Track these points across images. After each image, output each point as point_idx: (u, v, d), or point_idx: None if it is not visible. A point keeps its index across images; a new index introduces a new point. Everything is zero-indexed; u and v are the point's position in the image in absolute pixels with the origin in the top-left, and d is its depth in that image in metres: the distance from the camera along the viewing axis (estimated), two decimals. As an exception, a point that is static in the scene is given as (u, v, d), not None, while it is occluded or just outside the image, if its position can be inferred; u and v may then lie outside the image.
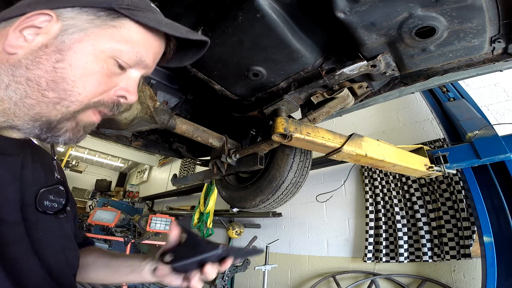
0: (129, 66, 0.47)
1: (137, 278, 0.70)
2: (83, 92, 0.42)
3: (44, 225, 0.51)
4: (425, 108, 2.78)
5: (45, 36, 0.40)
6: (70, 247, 0.58)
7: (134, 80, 0.49)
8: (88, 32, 0.41)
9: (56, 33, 0.40)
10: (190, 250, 0.59)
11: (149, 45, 0.48)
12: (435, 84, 1.06)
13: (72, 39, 0.40)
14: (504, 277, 1.48)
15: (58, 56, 0.39)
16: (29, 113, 0.40)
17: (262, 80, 1.02)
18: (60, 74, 0.40)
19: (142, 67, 0.49)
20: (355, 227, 2.96)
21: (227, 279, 3.02)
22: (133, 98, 0.50)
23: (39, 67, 0.39)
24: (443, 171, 1.47)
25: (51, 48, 0.40)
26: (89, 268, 0.73)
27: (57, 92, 0.40)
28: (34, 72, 0.39)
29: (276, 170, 1.30)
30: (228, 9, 0.77)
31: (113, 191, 11.03)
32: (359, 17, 0.69)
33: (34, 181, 0.52)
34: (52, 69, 0.39)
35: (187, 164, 6.96)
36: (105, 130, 1.13)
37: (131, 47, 0.45)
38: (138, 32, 0.45)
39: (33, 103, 0.40)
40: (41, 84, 0.39)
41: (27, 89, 0.39)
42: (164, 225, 3.90)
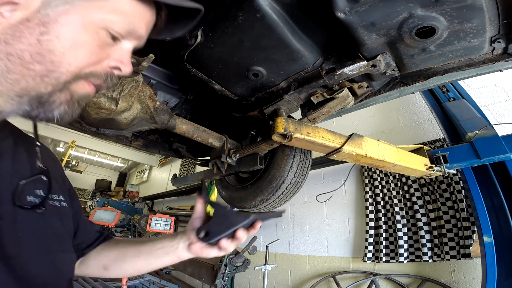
0: (122, 36, 0.46)
1: (173, 259, 0.70)
2: (73, 62, 0.41)
3: (25, 224, 0.46)
4: (425, 108, 2.78)
5: (25, 11, 0.38)
6: (60, 248, 0.52)
7: (127, 51, 0.48)
8: (74, 4, 0.40)
9: (37, 7, 0.38)
10: (222, 224, 0.62)
11: (141, 15, 0.47)
12: (435, 84, 1.06)
13: (57, 12, 0.39)
14: (504, 277, 1.48)
15: (42, 29, 0.38)
16: (14, 88, 0.39)
17: (262, 80, 1.02)
18: (46, 46, 0.38)
19: (135, 38, 0.48)
20: (355, 227, 2.96)
21: (227, 279, 3.02)
22: (127, 69, 0.49)
23: (21, 41, 0.38)
24: (443, 171, 1.47)
25: (34, 21, 0.38)
26: (122, 262, 0.71)
27: (44, 64, 0.39)
28: (16, 46, 0.37)
29: (276, 170, 1.30)
30: (228, 9, 0.77)
31: (113, 191, 11.03)
32: (359, 17, 0.69)
33: (14, 173, 0.47)
34: (36, 42, 0.38)
35: (187, 164, 6.96)
36: (105, 130, 1.13)
37: (123, 17, 0.44)
38: (129, 2, 0.44)
39: (17, 77, 0.38)
40: (24, 57, 0.38)
41: (8, 64, 0.38)
42: (164, 225, 3.90)
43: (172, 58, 1.09)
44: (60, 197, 0.57)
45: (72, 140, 7.99)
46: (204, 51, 0.92)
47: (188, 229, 0.71)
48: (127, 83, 0.94)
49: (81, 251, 0.70)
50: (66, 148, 8.49)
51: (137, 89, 0.97)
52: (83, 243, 0.71)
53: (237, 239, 0.62)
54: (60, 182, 0.62)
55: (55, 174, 0.60)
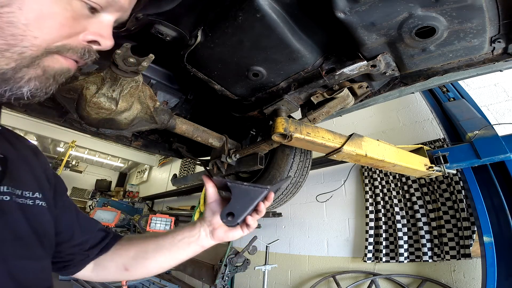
0: (101, 8, 0.42)
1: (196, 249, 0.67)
2: (40, 35, 0.37)
3: None
4: (425, 108, 2.78)
5: None
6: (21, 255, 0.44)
7: (107, 24, 0.45)
8: None
9: None
10: (244, 201, 0.61)
11: None
12: (435, 84, 1.06)
13: None
14: (504, 277, 1.48)
15: (2, 1, 0.34)
16: None
17: (262, 80, 1.02)
18: (6, 19, 0.35)
19: (116, 9, 0.44)
20: (355, 227, 2.96)
21: (227, 279, 3.02)
22: (108, 43, 0.45)
23: None
24: (443, 171, 1.47)
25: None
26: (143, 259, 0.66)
27: (3, 38, 0.35)
28: None
29: (276, 170, 1.30)
30: (228, 9, 0.77)
31: (113, 191, 11.04)
32: (359, 17, 0.69)
33: None
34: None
35: (187, 164, 6.96)
36: (105, 130, 1.13)
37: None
38: None
39: None
40: None
41: None
42: (164, 225, 3.90)
43: (172, 58, 1.09)
44: (34, 194, 0.49)
45: (72, 140, 8.00)
46: (204, 51, 0.92)
47: (206, 216, 0.67)
48: (127, 83, 0.94)
49: (86, 252, 0.64)
50: (66, 148, 8.49)
51: (137, 89, 0.97)
52: (85, 243, 0.65)
53: (260, 213, 0.62)
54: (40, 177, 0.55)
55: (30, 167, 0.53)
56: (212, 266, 3.19)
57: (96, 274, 0.67)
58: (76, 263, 0.64)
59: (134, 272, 0.67)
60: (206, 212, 0.69)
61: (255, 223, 0.63)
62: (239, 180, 1.58)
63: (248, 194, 0.61)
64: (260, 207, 0.61)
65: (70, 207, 0.64)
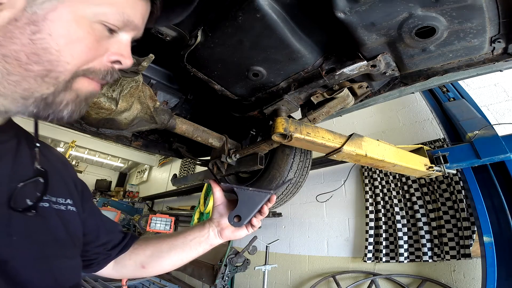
0: (118, 28, 0.44)
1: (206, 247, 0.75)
2: (71, 60, 0.40)
3: (20, 227, 0.44)
4: (425, 108, 2.78)
5: (11, 10, 0.36)
6: (59, 254, 0.49)
7: (125, 43, 0.47)
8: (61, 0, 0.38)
9: (23, 5, 0.36)
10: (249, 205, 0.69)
11: (135, 4, 0.45)
12: (435, 84, 1.06)
13: (44, 9, 0.37)
14: (504, 277, 1.48)
15: (33, 28, 0.37)
16: (17, 90, 0.38)
17: (262, 80, 1.02)
18: (40, 45, 0.37)
19: (131, 29, 0.46)
20: (355, 227, 2.96)
21: (227, 279, 3.02)
22: (128, 62, 0.48)
23: (13, 41, 0.36)
24: (443, 171, 1.47)
25: (22, 21, 0.36)
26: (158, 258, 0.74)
27: (41, 64, 0.38)
28: (9, 47, 0.36)
29: (276, 170, 1.30)
30: (228, 9, 0.77)
31: (113, 191, 11.03)
32: (359, 17, 0.69)
33: (14, 176, 0.45)
34: (29, 41, 0.37)
35: (187, 164, 6.96)
36: (105, 130, 1.13)
37: (115, 8, 0.42)
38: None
39: (18, 79, 0.38)
40: (21, 58, 0.37)
41: (6, 66, 0.37)
42: (164, 225, 3.90)
43: (172, 58, 1.09)
44: (67, 200, 0.55)
45: (72, 140, 8.00)
46: (204, 51, 0.92)
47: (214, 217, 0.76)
48: (127, 83, 0.94)
49: (109, 251, 0.71)
50: (66, 148, 8.50)
51: (137, 89, 0.97)
52: (109, 243, 0.71)
53: (264, 214, 0.70)
54: (69, 185, 0.60)
55: (61, 176, 0.58)
56: (212, 266, 3.19)
57: (116, 271, 0.74)
58: (99, 261, 0.70)
59: (150, 270, 0.75)
60: (214, 213, 0.77)
61: (259, 223, 0.71)
62: (239, 181, 1.58)
63: (253, 198, 0.69)
64: (263, 209, 0.70)
65: (95, 211, 0.71)
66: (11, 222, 0.43)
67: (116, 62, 0.47)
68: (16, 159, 0.47)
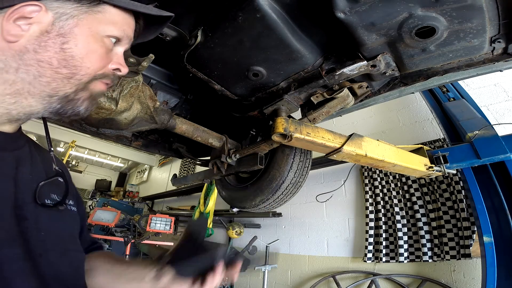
0: (119, 40, 0.55)
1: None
2: (90, 66, 0.50)
3: (47, 223, 0.49)
4: (425, 108, 2.78)
5: (40, 24, 0.45)
6: (74, 248, 0.56)
7: (121, 54, 0.57)
8: (79, 18, 0.48)
9: (50, 21, 0.45)
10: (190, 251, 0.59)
11: (128, 23, 0.56)
12: (435, 84, 1.06)
13: (69, 25, 0.47)
14: (504, 277, 1.48)
15: (62, 39, 0.46)
16: (46, 89, 0.46)
17: (262, 80, 1.02)
18: (69, 53, 0.46)
19: (126, 43, 0.57)
20: (355, 227, 2.96)
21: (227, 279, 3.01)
22: (126, 70, 0.58)
23: (48, 49, 0.45)
24: (443, 171, 1.47)
25: (53, 33, 0.45)
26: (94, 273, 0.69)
27: (69, 68, 0.47)
28: (44, 54, 0.45)
29: (276, 170, 1.30)
30: (228, 9, 0.77)
31: (113, 191, 11.02)
32: (359, 17, 0.69)
33: (34, 178, 0.51)
34: (60, 50, 0.46)
35: (187, 164, 6.96)
36: (105, 130, 1.13)
37: (117, 26, 0.53)
38: (118, 14, 0.53)
39: (48, 80, 0.46)
40: (53, 63, 0.46)
41: (40, 69, 0.45)
42: (164, 225, 3.90)
43: (172, 58, 1.09)
44: (71, 201, 0.60)
45: (72, 140, 8.00)
46: (204, 51, 0.92)
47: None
48: (127, 83, 0.94)
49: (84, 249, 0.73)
50: (66, 148, 8.50)
51: (137, 89, 0.97)
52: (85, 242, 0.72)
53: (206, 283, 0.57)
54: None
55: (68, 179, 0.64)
56: (212, 266, 3.19)
57: None
58: None
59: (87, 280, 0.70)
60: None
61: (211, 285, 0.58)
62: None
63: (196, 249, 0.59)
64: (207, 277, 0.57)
65: (84, 215, 0.74)
66: (39, 219, 0.48)
67: (117, 70, 0.57)
68: (32, 162, 0.53)
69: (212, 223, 4.09)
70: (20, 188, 0.47)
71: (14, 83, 0.44)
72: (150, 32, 0.64)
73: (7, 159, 0.48)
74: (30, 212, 0.47)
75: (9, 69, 0.44)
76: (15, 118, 0.47)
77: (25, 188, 0.48)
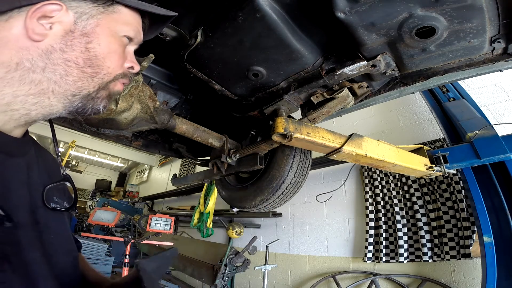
0: (131, 39, 0.56)
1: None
2: (111, 65, 0.51)
3: (54, 226, 0.51)
4: (425, 108, 2.78)
5: (62, 24, 0.45)
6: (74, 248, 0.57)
7: (133, 53, 0.59)
8: (98, 17, 0.49)
9: (72, 20, 0.46)
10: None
11: (139, 23, 0.57)
12: (435, 84, 1.06)
13: (91, 24, 0.48)
14: (504, 277, 1.48)
15: (87, 39, 0.47)
16: (71, 88, 0.47)
17: (262, 80, 1.02)
18: (93, 53, 0.47)
19: (137, 42, 0.59)
20: (355, 227, 2.96)
21: (227, 279, 3.02)
22: (138, 68, 0.60)
23: (74, 49, 0.46)
24: (443, 171, 1.47)
25: (77, 32, 0.46)
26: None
27: (93, 68, 0.48)
28: (70, 53, 0.45)
29: (276, 170, 1.30)
30: (228, 9, 0.77)
31: (113, 191, 11.03)
32: (359, 17, 0.69)
33: (40, 181, 0.52)
34: (85, 49, 0.47)
35: (187, 164, 6.96)
36: (105, 130, 1.13)
37: (131, 26, 0.54)
38: (130, 14, 0.54)
39: (75, 79, 0.46)
40: (79, 62, 0.46)
41: (67, 69, 0.45)
42: (164, 225, 3.90)
43: (172, 58, 1.09)
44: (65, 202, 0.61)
45: (72, 140, 7.99)
46: (204, 51, 0.92)
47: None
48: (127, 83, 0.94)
49: None
50: (66, 148, 8.49)
51: (137, 89, 0.97)
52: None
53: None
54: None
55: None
56: (212, 266, 3.19)
57: None
58: None
59: None
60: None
61: None
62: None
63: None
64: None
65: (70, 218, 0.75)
66: (48, 222, 0.49)
67: (130, 68, 0.58)
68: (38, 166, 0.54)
69: (212, 223, 4.09)
70: (32, 193, 0.48)
71: (40, 83, 0.44)
72: (151, 31, 0.65)
73: (20, 165, 0.48)
74: (41, 216, 0.48)
75: (36, 68, 0.43)
76: (33, 119, 0.47)
77: (35, 192, 0.49)
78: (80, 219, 6.57)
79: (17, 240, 0.41)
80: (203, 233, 4.14)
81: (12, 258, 0.39)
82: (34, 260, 0.43)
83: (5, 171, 0.44)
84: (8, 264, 0.38)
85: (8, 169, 0.45)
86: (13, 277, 0.39)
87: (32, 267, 0.42)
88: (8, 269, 0.38)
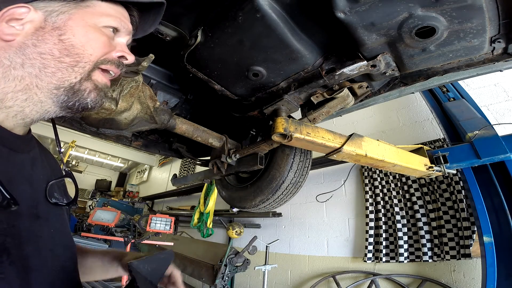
0: (117, 30, 0.56)
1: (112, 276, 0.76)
2: (93, 52, 0.50)
3: (55, 221, 0.52)
4: (425, 108, 2.78)
5: (32, 23, 0.47)
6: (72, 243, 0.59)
7: (124, 44, 0.59)
8: (70, 12, 0.49)
9: (41, 19, 0.47)
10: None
11: (122, 14, 0.57)
12: (435, 84, 1.06)
13: (61, 19, 0.48)
14: (504, 277, 1.48)
15: (58, 32, 0.47)
16: (52, 80, 0.47)
17: (262, 80, 1.02)
18: (68, 42, 0.48)
19: (126, 33, 0.58)
20: (355, 227, 2.96)
21: (227, 279, 3.02)
22: (132, 57, 0.59)
23: (46, 42, 0.47)
24: (443, 171, 1.47)
25: (47, 28, 0.47)
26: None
27: (71, 56, 0.48)
28: (43, 46, 0.46)
29: (276, 170, 1.30)
30: (228, 9, 0.77)
31: (113, 191, 11.03)
32: (359, 17, 0.69)
33: (44, 178, 0.54)
34: (58, 41, 0.47)
35: (187, 164, 6.96)
36: (105, 130, 1.13)
37: (112, 18, 0.54)
38: (109, 6, 0.54)
39: (53, 70, 0.47)
40: (54, 53, 0.47)
41: (43, 61, 0.46)
42: (164, 225, 3.90)
43: (172, 58, 1.09)
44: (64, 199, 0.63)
45: (72, 140, 7.99)
46: (204, 51, 0.92)
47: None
48: (127, 83, 0.94)
49: None
50: (66, 148, 8.48)
51: (137, 89, 0.97)
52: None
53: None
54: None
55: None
56: (212, 266, 3.19)
57: None
58: None
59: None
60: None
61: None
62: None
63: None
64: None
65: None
66: (49, 217, 0.51)
67: (122, 58, 0.57)
68: (42, 163, 0.56)
69: (212, 223, 4.09)
70: (34, 188, 0.50)
71: (22, 78, 0.46)
72: (148, 25, 0.65)
73: (25, 160, 0.50)
74: (42, 211, 0.50)
75: (15, 65, 0.45)
76: (29, 117, 0.48)
77: (38, 187, 0.51)
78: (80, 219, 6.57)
79: (18, 232, 0.43)
80: (203, 233, 4.14)
81: (12, 251, 0.41)
82: (33, 253, 0.45)
83: (9, 165, 0.46)
84: (6, 256, 0.40)
85: (12, 163, 0.47)
86: (10, 269, 0.40)
87: (30, 261, 0.44)
88: (5, 261, 0.40)
